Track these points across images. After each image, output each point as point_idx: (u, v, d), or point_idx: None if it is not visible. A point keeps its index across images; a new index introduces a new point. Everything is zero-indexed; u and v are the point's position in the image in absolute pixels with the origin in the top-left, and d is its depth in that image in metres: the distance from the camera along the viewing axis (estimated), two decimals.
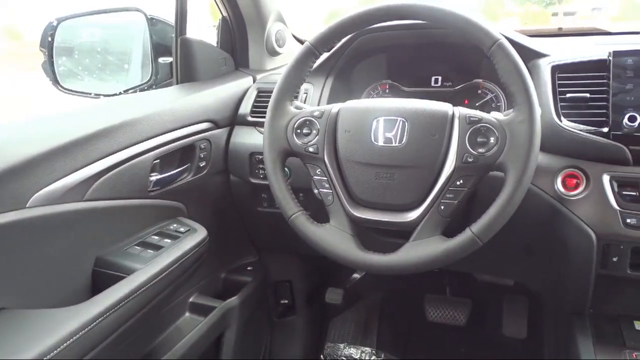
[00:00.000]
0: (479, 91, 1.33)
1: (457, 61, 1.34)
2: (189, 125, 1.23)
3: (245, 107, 1.37)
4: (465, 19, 0.92)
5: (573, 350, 1.05)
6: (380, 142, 0.96)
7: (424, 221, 0.92)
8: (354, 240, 0.97)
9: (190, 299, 1.37)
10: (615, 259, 1.01)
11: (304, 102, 1.31)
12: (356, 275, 1.85)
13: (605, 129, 0.99)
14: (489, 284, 1.76)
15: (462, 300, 1.77)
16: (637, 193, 0.97)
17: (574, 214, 1.01)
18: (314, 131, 1.02)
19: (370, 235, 1.20)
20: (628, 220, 0.97)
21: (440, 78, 1.38)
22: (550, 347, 1.43)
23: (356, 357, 1.77)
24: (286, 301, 1.71)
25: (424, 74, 1.39)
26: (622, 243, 1.00)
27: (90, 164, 0.96)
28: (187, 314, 1.36)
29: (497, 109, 1.30)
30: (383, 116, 0.97)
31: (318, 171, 1.01)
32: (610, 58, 1.03)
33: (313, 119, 1.02)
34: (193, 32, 1.41)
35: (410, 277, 1.76)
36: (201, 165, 1.27)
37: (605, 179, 0.99)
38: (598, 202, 1.00)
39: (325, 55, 1.35)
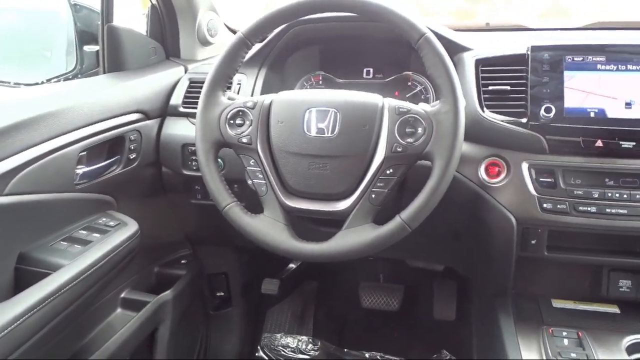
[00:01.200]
0: (409, 83, 1.36)
1: (388, 53, 1.37)
2: (118, 116, 1.19)
3: (177, 98, 1.34)
4: (393, 12, 0.95)
5: (496, 329, 1.11)
6: (313, 133, 0.98)
7: (355, 210, 0.95)
8: (288, 229, 0.98)
9: (122, 295, 1.34)
10: (533, 242, 1.08)
11: (237, 93, 1.30)
12: (292, 266, 1.86)
13: (524, 120, 1.05)
14: (420, 270, 1.82)
15: (395, 286, 1.83)
16: (553, 179, 1.04)
17: (496, 200, 1.07)
18: (247, 122, 1.01)
19: (305, 225, 1.21)
20: (545, 205, 1.04)
21: (371, 70, 1.41)
22: (477, 327, 1.50)
23: (293, 346, 1.79)
24: (222, 293, 1.70)
25: (356, 66, 1.42)
26: (540, 226, 1.06)
27: (10, 156, 0.92)
28: (119, 310, 1.32)
29: (426, 100, 1.34)
30: (315, 107, 0.99)
31: (251, 162, 1.01)
32: (529, 52, 1.08)
33: (246, 110, 1.02)
34: (121, 19, 1.36)
35: (345, 266, 1.81)
36: (131, 157, 1.24)
37: (524, 166, 1.05)
38: (518, 188, 1.06)
39: (258, 45, 1.34)
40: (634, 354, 1.00)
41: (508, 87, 1.09)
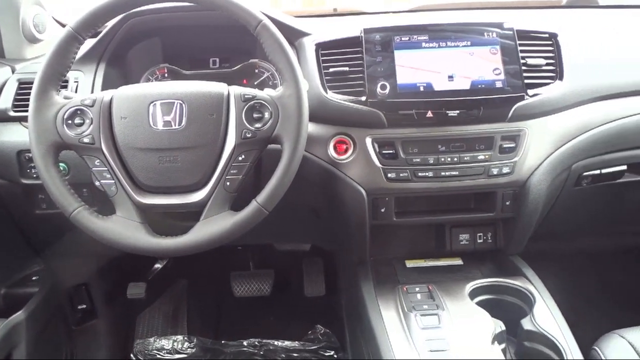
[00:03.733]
0: (256, 70, 1.38)
1: (233, 42, 1.37)
2: None
3: (5, 101, 1.22)
4: (229, 1, 0.96)
5: (359, 294, 1.19)
6: (160, 126, 0.96)
7: (212, 199, 0.95)
8: (144, 227, 0.95)
9: None
10: (383, 210, 1.17)
11: (75, 91, 1.22)
12: (158, 266, 1.81)
13: (364, 98, 1.12)
14: (288, 252, 1.87)
15: (265, 271, 1.86)
16: (394, 151, 1.13)
17: (347, 175, 1.14)
18: (87, 121, 0.97)
19: (165, 221, 1.19)
20: (389, 175, 1.12)
21: (218, 60, 1.40)
22: (344, 296, 1.59)
23: (168, 347, 1.74)
24: (84, 306, 1.60)
25: (202, 56, 1.40)
26: (387, 195, 1.15)
27: None
28: None
29: (275, 86, 1.37)
30: (159, 100, 0.97)
31: (97, 162, 0.96)
32: (362, 35, 1.16)
33: (85, 108, 0.97)
34: None
35: (213, 258, 1.80)
36: None
37: (368, 141, 1.13)
38: (364, 162, 1.13)
39: (93, 40, 1.27)
40: (476, 298, 1.14)
41: (347, 68, 1.16)
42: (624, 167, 1.29)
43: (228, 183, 0.95)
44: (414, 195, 1.15)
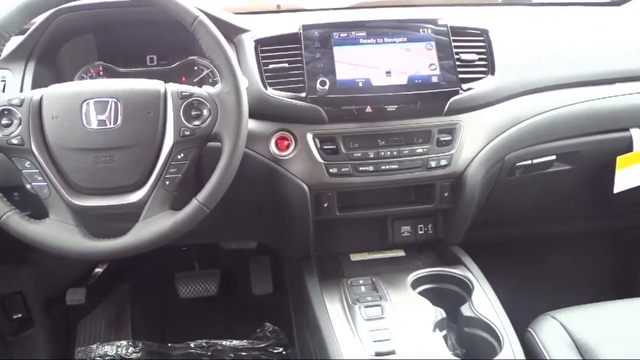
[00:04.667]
0: (195, 68, 1.36)
1: (171, 39, 1.34)
2: None
3: None
4: None
5: (304, 290, 1.19)
6: (94, 126, 0.93)
7: (150, 199, 0.94)
8: (79, 230, 0.93)
9: None
10: (326, 205, 1.18)
11: (3, 91, 1.17)
12: (98, 270, 1.75)
13: (304, 94, 1.13)
14: (234, 251, 1.85)
15: (211, 271, 1.84)
16: (335, 146, 1.14)
17: (289, 171, 1.14)
18: (16, 121, 0.93)
19: (102, 223, 1.15)
20: (331, 170, 1.13)
21: (155, 57, 1.37)
22: (291, 293, 1.59)
23: (112, 354, 1.69)
24: (20, 315, 1.53)
25: (139, 54, 1.36)
26: (329, 190, 1.16)
27: None
28: None
29: (214, 83, 1.35)
30: (93, 98, 0.94)
31: (27, 164, 0.93)
32: (301, 31, 1.16)
33: (12, 108, 0.93)
34: None
35: (157, 259, 1.76)
36: None
37: (309, 137, 1.14)
38: (306, 158, 1.14)
39: (21, 37, 1.22)
40: (418, 287, 1.17)
41: (287, 65, 1.16)
42: (554, 157, 1.36)
43: (167, 182, 0.94)
44: (356, 189, 1.17)
